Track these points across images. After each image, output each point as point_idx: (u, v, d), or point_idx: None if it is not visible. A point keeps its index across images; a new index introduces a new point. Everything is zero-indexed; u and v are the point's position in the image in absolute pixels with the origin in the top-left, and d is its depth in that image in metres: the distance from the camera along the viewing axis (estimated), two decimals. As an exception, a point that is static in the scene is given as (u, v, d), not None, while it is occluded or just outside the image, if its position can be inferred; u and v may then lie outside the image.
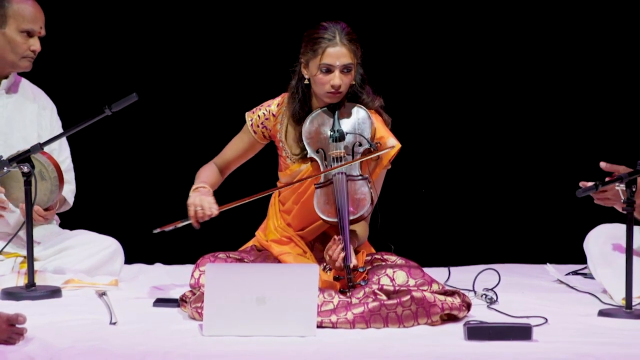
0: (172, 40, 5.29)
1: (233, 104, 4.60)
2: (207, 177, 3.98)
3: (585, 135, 5.34)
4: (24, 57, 4.23)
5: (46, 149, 4.05)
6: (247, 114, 4.02)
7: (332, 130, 3.85)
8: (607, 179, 3.72)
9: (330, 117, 3.87)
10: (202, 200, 3.80)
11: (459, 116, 5.39)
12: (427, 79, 5.36)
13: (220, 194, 3.94)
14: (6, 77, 4.30)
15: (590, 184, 3.73)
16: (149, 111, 5.17)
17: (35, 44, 4.22)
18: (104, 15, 5.23)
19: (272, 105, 4.00)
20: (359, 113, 3.89)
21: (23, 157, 3.93)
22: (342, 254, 3.66)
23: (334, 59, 3.79)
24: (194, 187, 3.91)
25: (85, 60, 5.24)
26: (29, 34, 4.21)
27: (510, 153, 5.41)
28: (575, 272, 4.72)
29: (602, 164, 3.79)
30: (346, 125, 3.87)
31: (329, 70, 3.80)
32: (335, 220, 3.77)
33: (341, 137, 3.84)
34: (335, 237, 3.70)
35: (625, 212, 3.66)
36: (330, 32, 3.81)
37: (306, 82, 3.88)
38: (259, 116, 4.00)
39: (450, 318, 3.58)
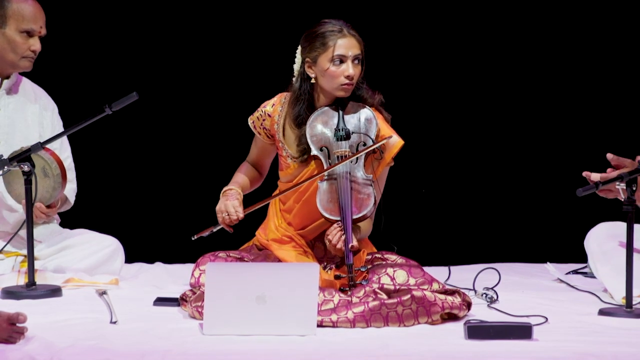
0: (173, 40, 5.28)
1: (234, 104, 4.60)
2: (240, 177, 4.05)
3: (585, 134, 5.33)
4: (24, 57, 4.22)
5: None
6: (249, 117, 4.03)
7: (338, 128, 3.84)
8: (607, 170, 3.73)
9: (335, 115, 3.87)
10: (227, 206, 3.87)
11: (459, 115, 5.39)
12: (427, 78, 5.35)
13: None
14: (7, 77, 4.29)
15: (594, 175, 3.73)
16: (149, 110, 5.16)
17: (35, 44, 4.21)
18: (104, 15, 5.23)
19: (267, 106, 4.00)
20: (364, 112, 3.88)
21: (23, 156, 3.93)
22: (343, 237, 3.68)
23: (346, 49, 3.80)
24: (224, 189, 3.97)
25: (85, 59, 5.24)
26: (29, 34, 4.20)
27: (511, 152, 5.40)
28: (575, 271, 4.72)
29: (609, 155, 3.78)
30: (351, 124, 3.86)
31: (341, 61, 3.80)
32: (338, 218, 3.77)
33: (347, 135, 3.83)
34: (336, 223, 3.72)
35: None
36: (336, 25, 3.83)
37: (313, 81, 3.87)
38: (257, 118, 4.00)
39: (451, 317, 3.58)
